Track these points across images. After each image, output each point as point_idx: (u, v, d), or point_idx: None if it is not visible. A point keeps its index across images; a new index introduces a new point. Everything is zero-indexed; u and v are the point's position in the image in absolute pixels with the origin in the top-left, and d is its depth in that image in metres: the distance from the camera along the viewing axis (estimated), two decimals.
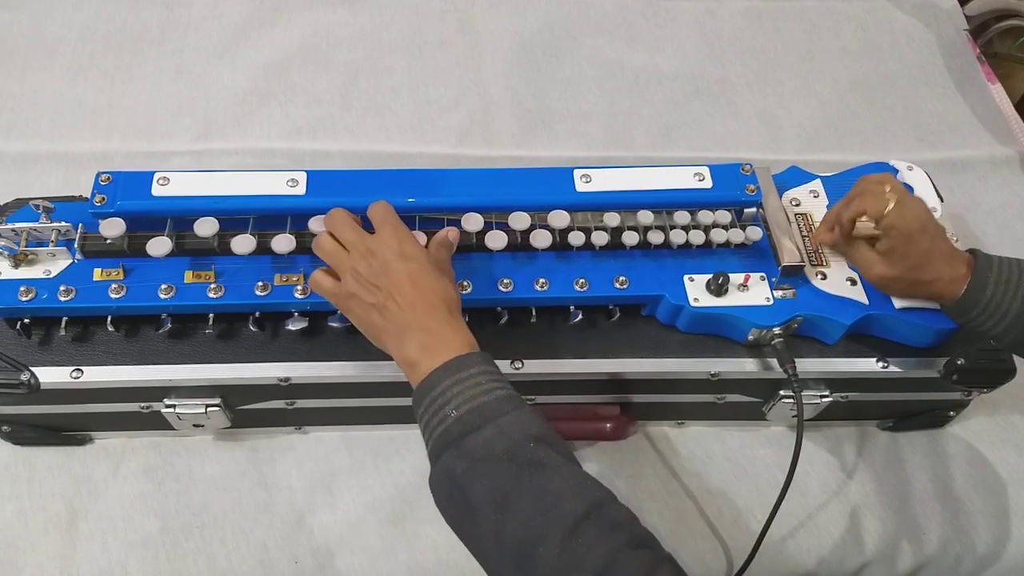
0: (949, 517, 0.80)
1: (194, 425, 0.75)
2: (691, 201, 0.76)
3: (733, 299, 0.73)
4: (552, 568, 0.50)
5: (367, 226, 0.65)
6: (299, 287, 0.70)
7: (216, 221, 0.70)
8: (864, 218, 0.70)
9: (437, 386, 0.57)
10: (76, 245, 0.71)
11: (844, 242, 0.73)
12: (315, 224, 0.69)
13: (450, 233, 0.67)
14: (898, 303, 0.74)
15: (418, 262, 0.62)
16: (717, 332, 0.75)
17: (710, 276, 0.73)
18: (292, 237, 0.70)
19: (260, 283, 0.70)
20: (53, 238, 0.71)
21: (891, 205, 0.67)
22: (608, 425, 0.78)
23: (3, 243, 0.70)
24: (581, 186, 0.75)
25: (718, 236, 0.75)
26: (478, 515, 0.53)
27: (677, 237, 0.74)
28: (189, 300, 0.70)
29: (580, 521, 0.51)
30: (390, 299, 0.60)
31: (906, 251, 0.67)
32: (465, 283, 0.72)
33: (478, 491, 0.53)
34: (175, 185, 0.72)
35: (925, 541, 0.79)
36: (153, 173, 0.72)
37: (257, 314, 0.72)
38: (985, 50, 1.25)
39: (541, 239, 0.73)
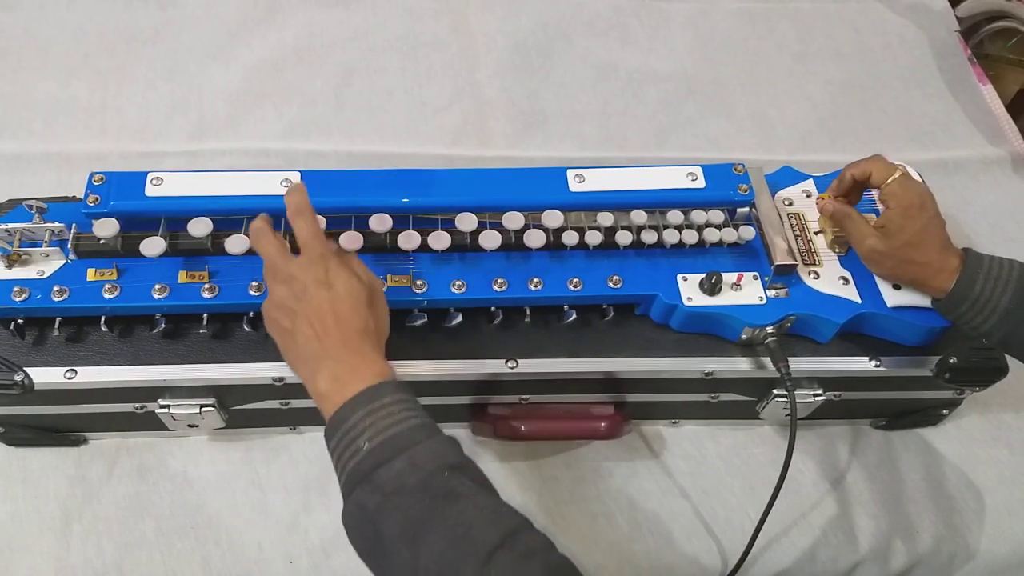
0: (942, 515, 0.81)
1: (188, 425, 0.75)
2: (684, 201, 0.76)
3: (726, 298, 0.73)
4: None
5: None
6: None
7: (210, 221, 0.70)
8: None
9: (349, 418, 0.55)
10: (70, 245, 0.71)
11: (843, 199, 0.74)
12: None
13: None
14: (890, 301, 0.74)
15: (337, 291, 0.60)
16: (710, 331, 0.75)
17: (703, 275, 0.73)
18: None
19: (254, 283, 0.70)
20: (47, 238, 0.71)
21: (897, 175, 0.69)
22: (602, 424, 0.78)
23: None
24: (575, 186, 0.75)
25: (711, 236, 0.75)
26: (390, 550, 0.51)
27: (670, 236, 0.75)
28: (183, 300, 0.70)
29: (493, 551, 0.49)
30: (304, 326, 0.59)
31: (902, 225, 0.68)
32: (459, 283, 0.72)
33: (390, 526, 0.52)
34: (168, 185, 0.72)
35: (918, 539, 0.79)
36: (146, 173, 0.72)
37: (251, 314, 0.72)
38: (976, 51, 1.25)
39: (535, 239, 0.73)
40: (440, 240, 0.72)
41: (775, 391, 0.77)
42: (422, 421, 0.56)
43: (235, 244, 0.69)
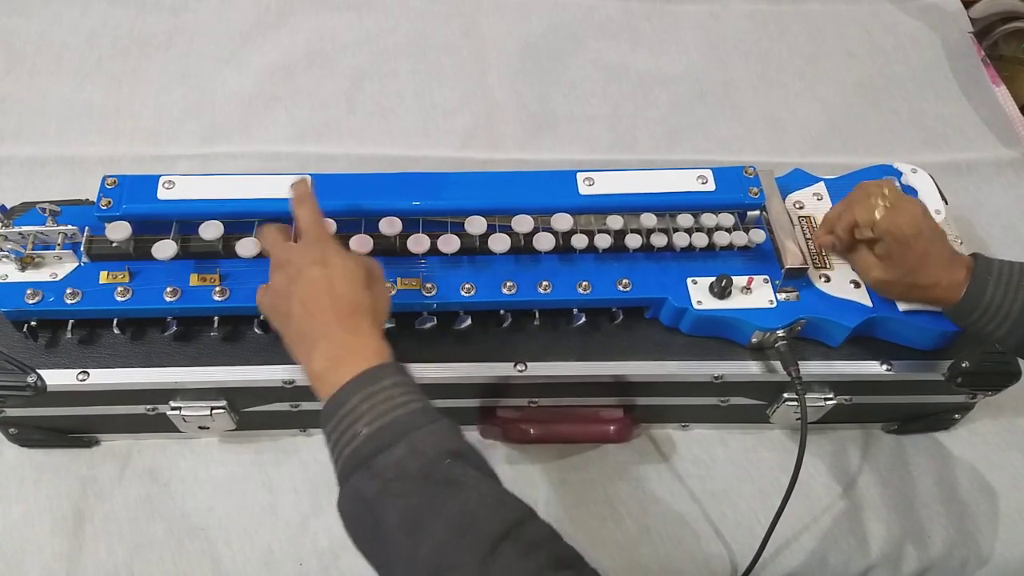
0: (954, 520, 0.80)
1: (199, 427, 0.75)
2: (694, 204, 0.76)
3: (736, 302, 0.73)
4: None
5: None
6: None
7: (221, 224, 0.70)
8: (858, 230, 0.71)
9: (347, 402, 0.53)
10: (82, 248, 0.71)
11: (843, 248, 0.73)
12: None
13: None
14: (902, 306, 0.74)
15: (334, 268, 0.58)
16: (720, 335, 0.75)
17: (713, 279, 0.73)
18: None
19: (265, 286, 0.70)
20: (60, 241, 0.71)
21: (880, 212, 0.67)
22: (611, 428, 0.78)
23: (10, 246, 0.70)
24: (584, 189, 0.75)
25: (721, 239, 0.75)
26: (389, 540, 0.49)
27: (680, 240, 0.74)
28: (194, 303, 0.70)
29: (498, 542, 0.47)
30: (297, 305, 0.57)
31: (902, 255, 0.68)
32: (469, 286, 0.72)
33: (389, 514, 0.49)
34: (180, 189, 0.72)
35: (930, 544, 0.79)
36: (158, 177, 0.72)
37: (262, 316, 0.72)
38: (990, 52, 1.24)
39: (544, 242, 0.73)
40: (450, 243, 0.72)
41: (785, 395, 0.77)
42: (423, 405, 0.54)
43: (246, 247, 0.69)
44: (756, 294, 0.74)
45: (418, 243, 0.72)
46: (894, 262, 0.69)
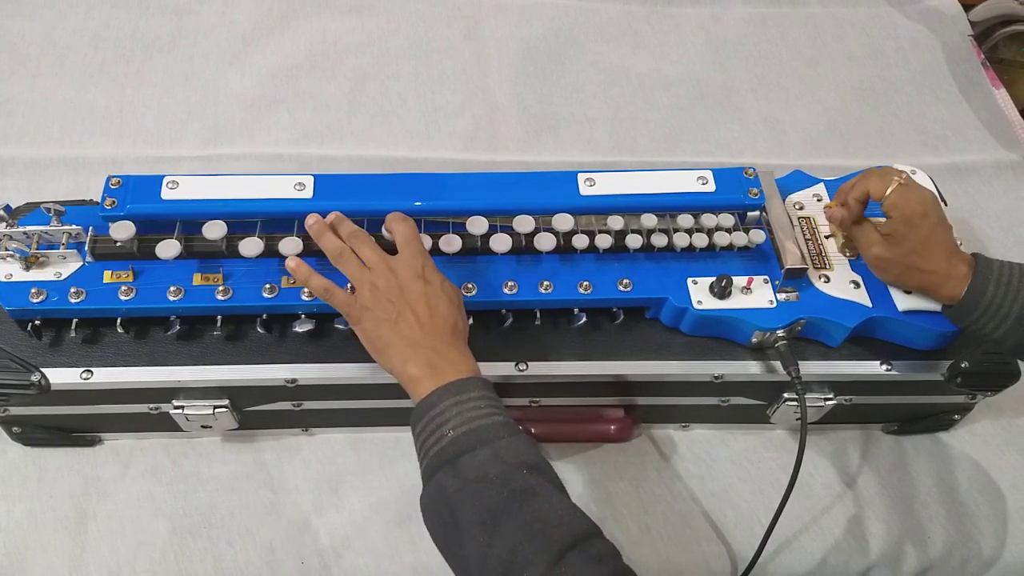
0: (954, 521, 0.80)
1: (202, 426, 0.76)
2: (694, 205, 0.76)
3: (736, 302, 0.74)
4: None
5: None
6: (306, 290, 0.71)
7: (224, 224, 0.71)
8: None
9: (437, 405, 0.57)
10: (86, 248, 0.72)
11: (852, 218, 0.73)
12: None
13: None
14: (901, 306, 0.74)
15: (435, 286, 0.63)
16: (720, 335, 0.76)
17: (713, 279, 0.73)
18: (299, 240, 0.71)
19: (267, 285, 0.71)
20: (64, 241, 0.72)
21: (893, 186, 0.68)
22: (612, 427, 0.78)
23: (15, 246, 0.71)
24: (585, 190, 0.76)
25: (721, 239, 0.75)
26: (465, 536, 0.53)
27: (680, 240, 0.75)
28: (197, 302, 0.71)
29: (566, 551, 0.51)
30: (403, 315, 0.62)
31: (906, 233, 0.68)
32: (470, 286, 0.72)
33: (468, 512, 0.53)
34: (184, 189, 0.72)
35: (930, 545, 0.79)
36: (162, 177, 0.73)
37: (264, 316, 0.72)
38: (990, 55, 1.25)
39: (545, 242, 0.73)
40: (451, 243, 0.72)
41: (785, 395, 0.77)
42: (505, 419, 0.58)
43: (249, 247, 0.70)
44: (756, 294, 0.74)
45: None
46: (896, 240, 0.69)
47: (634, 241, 0.74)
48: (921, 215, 0.67)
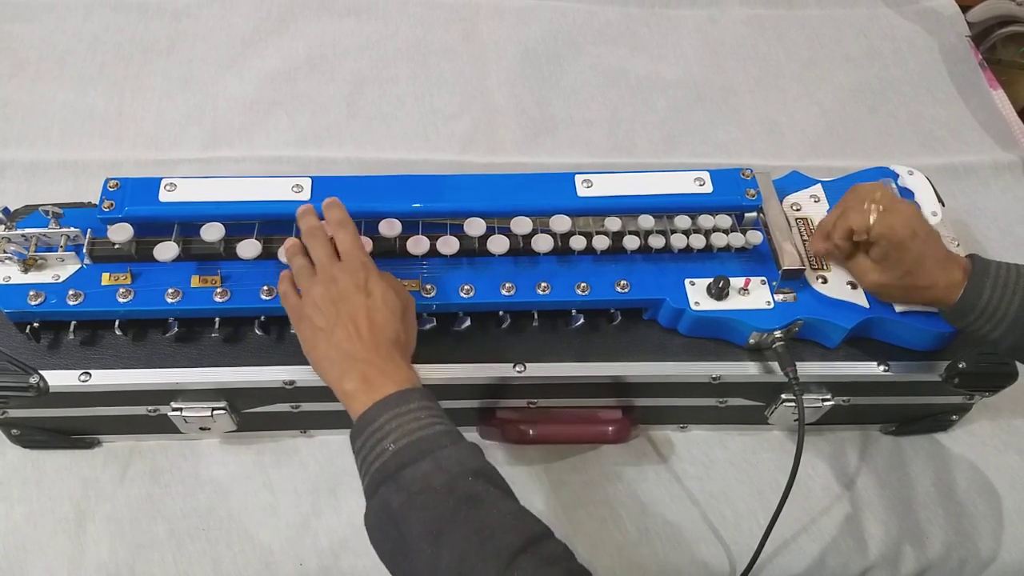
0: (952, 521, 0.80)
1: (200, 428, 0.76)
2: (692, 206, 0.76)
3: (734, 303, 0.74)
4: None
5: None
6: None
7: (222, 226, 0.71)
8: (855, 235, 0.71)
9: (376, 419, 0.56)
10: (85, 250, 0.72)
11: (842, 255, 0.73)
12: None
13: None
14: (898, 307, 0.74)
15: (375, 298, 0.62)
16: (718, 336, 0.76)
17: (711, 280, 0.73)
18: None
19: (265, 287, 0.71)
20: (62, 243, 0.72)
21: (874, 216, 0.67)
22: (610, 429, 0.78)
23: (13, 248, 0.71)
24: (583, 191, 0.76)
25: (719, 240, 0.75)
26: (412, 549, 0.52)
27: (678, 241, 0.75)
28: (196, 304, 0.71)
29: (516, 554, 0.50)
30: (339, 327, 0.61)
31: (899, 257, 0.68)
32: (467, 287, 0.73)
33: (413, 525, 0.52)
34: (182, 191, 0.73)
35: (928, 545, 0.79)
36: (160, 179, 0.73)
37: (262, 318, 0.72)
38: (987, 56, 1.25)
39: (543, 243, 0.74)
40: (449, 245, 0.73)
41: (783, 396, 0.77)
42: (447, 428, 0.57)
43: (247, 249, 0.70)
44: (753, 295, 0.74)
45: (417, 245, 0.72)
46: (890, 265, 0.69)
47: (631, 242, 0.75)
48: (910, 237, 0.67)
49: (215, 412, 0.73)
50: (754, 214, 0.79)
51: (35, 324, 0.71)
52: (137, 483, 0.77)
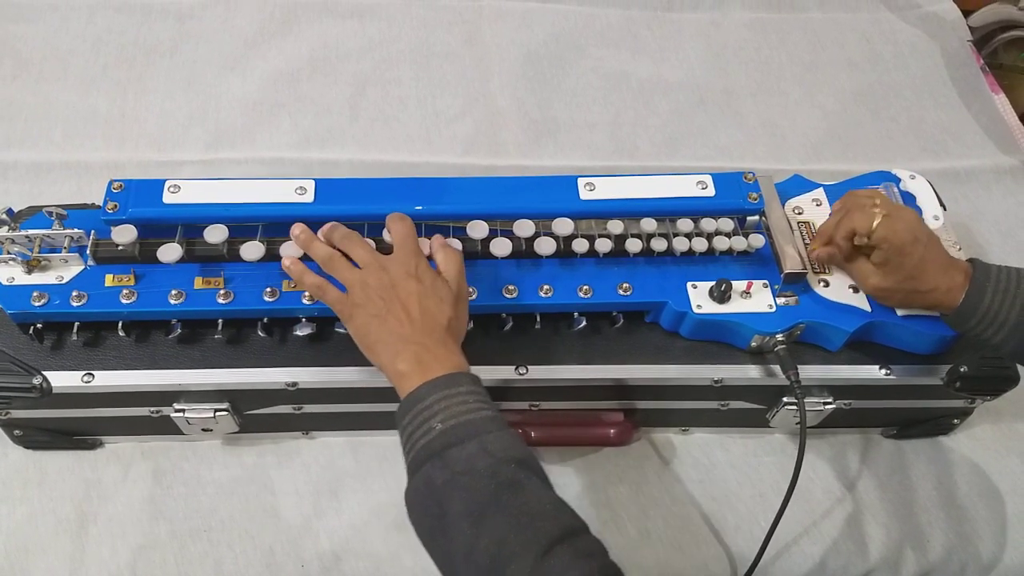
0: (953, 525, 0.80)
1: (203, 430, 0.76)
2: (694, 209, 0.77)
3: (736, 306, 0.74)
4: None
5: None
6: (307, 293, 0.71)
7: (226, 228, 0.71)
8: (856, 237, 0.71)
9: (425, 399, 0.57)
10: (88, 251, 0.72)
11: (841, 257, 0.74)
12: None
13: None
14: (900, 310, 0.74)
15: (426, 285, 0.63)
16: (720, 339, 0.76)
17: (713, 283, 0.74)
18: None
19: (268, 289, 0.71)
20: (66, 244, 0.72)
21: (878, 219, 0.68)
22: (612, 431, 0.78)
23: (17, 249, 0.71)
24: (585, 194, 0.76)
25: (721, 243, 0.76)
26: (452, 528, 0.53)
27: (680, 244, 0.75)
28: (199, 306, 0.71)
29: (554, 544, 0.51)
30: (392, 312, 0.62)
31: (900, 262, 0.68)
32: (470, 289, 0.73)
33: (455, 504, 0.53)
34: (186, 193, 0.73)
35: (929, 549, 0.79)
36: (164, 181, 0.73)
37: (265, 320, 0.73)
38: (989, 61, 1.25)
39: (545, 246, 0.74)
40: None
41: (785, 399, 0.77)
42: (493, 414, 0.58)
43: (250, 251, 0.70)
44: (755, 298, 0.74)
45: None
46: (892, 269, 0.69)
47: (634, 245, 0.75)
48: (912, 242, 0.67)
49: (217, 413, 0.73)
50: (756, 217, 0.79)
51: (39, 325, 0.71)
52: (139, 484, 0.77)
